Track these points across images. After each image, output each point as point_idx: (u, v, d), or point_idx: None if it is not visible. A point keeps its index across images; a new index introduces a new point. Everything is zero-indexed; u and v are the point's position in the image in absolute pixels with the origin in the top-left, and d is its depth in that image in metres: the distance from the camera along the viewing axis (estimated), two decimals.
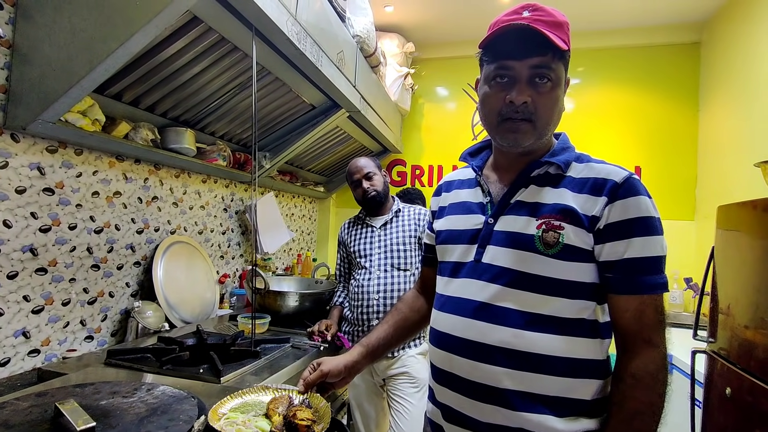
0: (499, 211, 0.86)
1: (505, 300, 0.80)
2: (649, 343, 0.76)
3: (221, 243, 2.30)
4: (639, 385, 0.74)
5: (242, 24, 1.41)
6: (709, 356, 1.50)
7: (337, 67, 1.93)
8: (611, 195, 0.77)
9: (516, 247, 0.81)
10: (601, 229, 0.77)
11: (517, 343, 0.78)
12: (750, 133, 2.41)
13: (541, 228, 0.79)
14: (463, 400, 0.82)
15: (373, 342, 1.01)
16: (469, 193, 0.93)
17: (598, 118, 3.17)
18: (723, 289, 1.48)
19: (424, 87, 3.47)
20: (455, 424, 0.84)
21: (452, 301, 0.87)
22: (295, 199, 3.17)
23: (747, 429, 1.25)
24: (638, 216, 0.76)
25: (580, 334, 0.79)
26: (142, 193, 1.77)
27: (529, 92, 0.79)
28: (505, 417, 0.78)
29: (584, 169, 0.82)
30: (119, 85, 1.44)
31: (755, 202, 1.37)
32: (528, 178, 0.85)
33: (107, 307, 1.62)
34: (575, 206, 0.79)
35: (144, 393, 0.92)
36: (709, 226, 2.79)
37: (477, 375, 0.80)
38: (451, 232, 0.92)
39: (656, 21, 2.99)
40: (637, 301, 0.76)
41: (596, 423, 0.78)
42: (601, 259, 0.78)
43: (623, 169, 0.80)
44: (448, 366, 0.85)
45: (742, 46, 2.50)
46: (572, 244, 0.77)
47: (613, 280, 0.77)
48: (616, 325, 0.79)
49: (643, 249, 0.75)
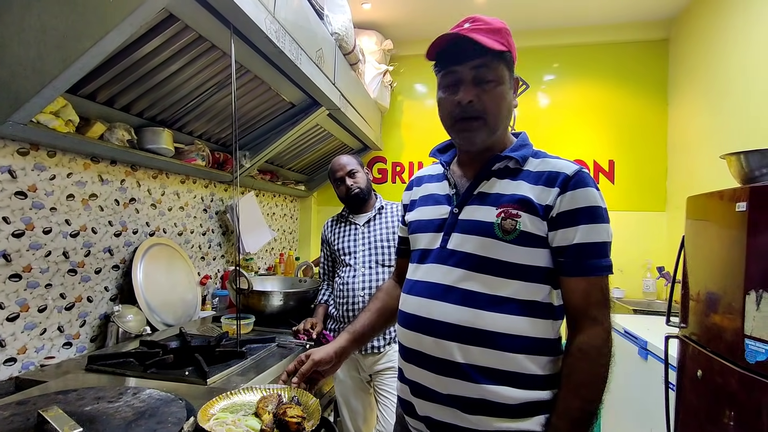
0: (463, 201, 0.93)
1: (467, 282, 0.87)
2: (594, 320, 0.83)
3: (202, 244, 2.27)
4: (585, 358, 0.82)
5: (220, 22, 1.39)
6: (681, 341, 1.56)
7: (317, 65, 1.93)
8: (563, 186, 0.85)
9: (477, 233, 0.88)
10: (553, 217, 0.85)
11: (478, 322, 0.85)
12: (716, 127, 2.51)
13: (500, 216, 0.86)
14: (429, 376, 0.88)
15: (359, 329, 1.08)
16: (437, 186, 1.01)
17: (572, 113, 3.25)
18: (693, 277, 1.55)
19: (403, 84, 3.48)
20: (422, 398, 0.90)
21: (420, 284, 0.93)
22: (276, 198, 3.14)
23: (717, 409, 1.31)
24: (586, 205, 0.84)
25: (535, 315, 0.86)
26: (119, 195, 1.73)
27: (474, 92, 0.87)
28: (467, 389, 0.84)
29: (540, 164, 0.90)
30: (93, 84, 1.41)
31: (721, 192, 1.43)
32: (489, 172, 0.93)
33: (86, 313, 1.59)
34: (531, 196, 0.86)
35: (130, 397, 0.91)
36: (680, 216, 2.89)
37: (441, 352, 0.87)
38: (420, 222, 0.99)
39: (626, 18, 3.08)
40: (585, 282, 0.84)
41: (549, 394, 0.85)
42: (553, 245, 0.86)
43: (574, 164, 0.88)
44: (415, 345, 0.91)
45: (708, 42, 2.60)
46: (528, 230, 0.85)
47: (564, 263, 0.85)
48: (567, 304, 0.87)
49: (589, 235, 0.83)
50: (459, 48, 0.86)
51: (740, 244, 1.24)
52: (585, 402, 0.81)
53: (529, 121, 3.31)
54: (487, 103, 0.88)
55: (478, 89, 0.87)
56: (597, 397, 0.81)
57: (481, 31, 0.86)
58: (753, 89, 2.19)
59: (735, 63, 2.34)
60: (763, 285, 1.13)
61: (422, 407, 0.91)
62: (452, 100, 0.89)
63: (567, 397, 0.83)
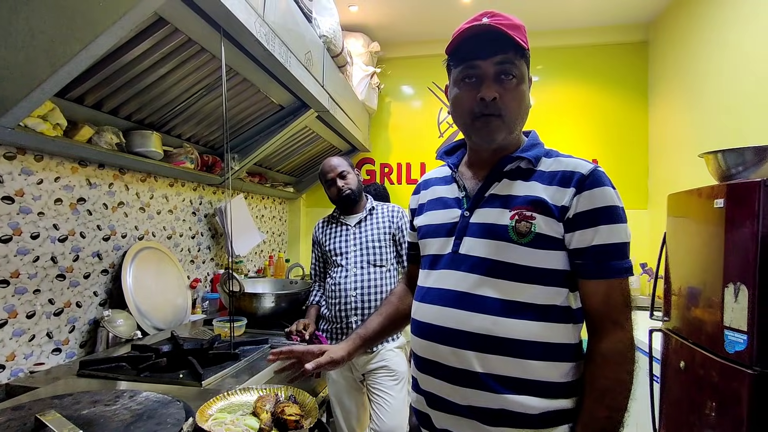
0: (474, 204, 0.90)
1: (482, 288, 0.84)
2: (616, 324, 0.81)
3: (191, 247, 2.26)
4: (608, 365, 0.79)
5: (209, 25, 1.39)
6: (664, 334, 1.61)
7: (306, 67, 1.94)
8: (579, 186, 0.82)
9: (491, 237, 0.85)
10: (570, 219, 0.82)
11: (495, 330, 0.81)
12: (694, 127, 2.59)
13: (514, 218, 0.83)
14: (446, 386, 0.85)
15: (370, 333, 1.08)
16: (446, 189, 0.97)
17: (557, 114, 3.31)
18: (675, 272, 1.60)
19: (390, 86, 3.51)
20: (439, 409, 0.87)
21: (432, 291, 0.90)
22: (264, 201, 3.14)
23: (699, 398, 1.36)
24: (604, 205, 0.81)
25: (554, 319, 0.83)
26: (107, 198, 1.71)
27: (496, 88, 0.83)
28: (486, 399, 0.81)
29: (553, 163, 0.87)
30: (81, 88, 1.40)
31: (700, 190, 1.49)
32: (501, 173, 0.89)
33: (75, 318, 1.57)
34: (545, 197, 0.83)
35: (127, 400, 0.91)
36: (661, 213, 2.97)
37: (458, 361, 0.83)
38: (429, 227, 0.96)
39: (607, 21, 3.15)
40: (605, 285, 0.81)
41: (572, 402, 0.82)
42: (571, 247, 0.82)
43: (589, 162, 0.86)
44: (430, 354, 0.88)
45: (686, 44, 2.68)
46: (543, 233, 0.82)
47: (582, 266, 0.82)
48: (586, 308, 0.84)
49: (609, 236, 0.80)
50: (481, 42, 0.83)
51: (719, 239, 1.29)
52: (610, 410, 0.78)
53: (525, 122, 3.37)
54: (507, 101, 0.84)
55: (499, 86, 0.84)
56: (623, 405, 0.78)
57: (503, 25, 0.82)
58: (728, 90, 2.27)
59: (710, 65, 2.42)
60: (740, 278, 1.18)
61: (439, 419, 0.88)
62: (472, 96, 0.85)
63: (591, 406, 0.80)
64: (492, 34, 0.82)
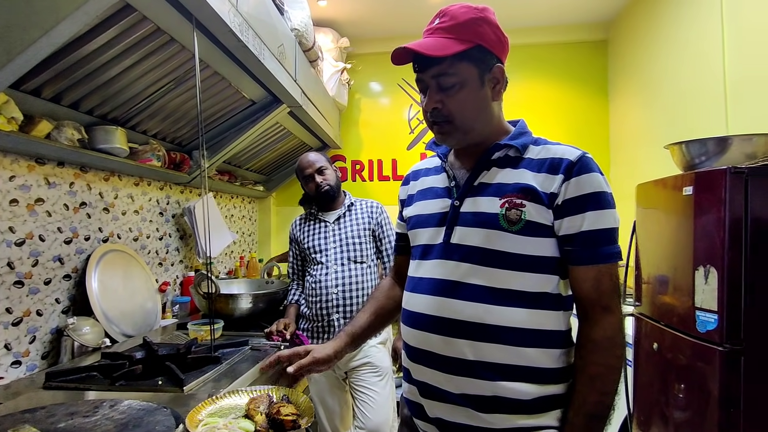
0: (464, 193, 0.90)
1: (474, 277, 0.84)
2: (606, 309, 0.82)
3: (159, 249, 2.15)
4: (599, 350, 0.80)
5: (180, 14, 1.33)
6: (636, 318, 1.69)
7: (279, 60, 1.89)
8: (567, 172, 0.82)
9: (482, 226, 0.85)
10: (559, 205, 0.82)
11: (488, 318, 0.82)
12: (653, 121, 2.73)
13: (504, 206, 0.83)
14: (439, 375, 0.85)
15: (357, 330, 1.05)
16: (436, 179, 0.97)
17: (523, 109, 3.39)
18: (645, 259, 1.67)
19: (360, 82, 3.48)
20: (433, 399, 0.87)
21: (424, 281, 0.90)
22: (234, 200, 3.04)
23: (672, 377, 1.43)
24: (592, 191, 0.82)
25: (545, 307, 0.84)
26: (68, 199, 1.60)
27: (439, 97, 0.86)
28: (479, 387, 0.82)
29: (541, 151, 0.88)
30: (38, 79, 1.29)
31: (666, 180, 1.56)
32: (489, 161, 0.90)
33: (35, 328, 1.46)
34: (535, 185, 0.83)
35: (107, 410, 0.85)
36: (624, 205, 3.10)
37: (451, 350, 0.83)
38: (419, 217, 0.96)
39: (568, 20, 3.26)
40: (595, 270, 0.82)
41: (563, 388, 0.84)
42: (560, 234, 0.83)
43: (577, 149, 0.86)
44: (423, 344, 0.88)
45: (643, 43, 2.81)
46: (534, 220, 0.82)
47: (572, 252, 0.83)
48: (577, 294, 0.85)
49: (597, 222, 0.81)
50: (418, 55, 0.85)
51: (688, 225, 1.35)
52: (601, 394, 0.80)
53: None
54: (453, 107, 0.86)
55: (442, 94, 0.86)
56: (612, 389, 0.80)
57: (441, 30, 0.85)
58: (682, 86, 2.40)
59: (667, 62, 2.55)
60: (709, 261, 1.25)
61: (433, 409, 0.88)
62: (424, 106, 0.90)
63: (582, 390, 0.81)
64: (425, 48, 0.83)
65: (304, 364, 0.95)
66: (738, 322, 1.20)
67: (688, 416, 1.36)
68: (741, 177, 1.21)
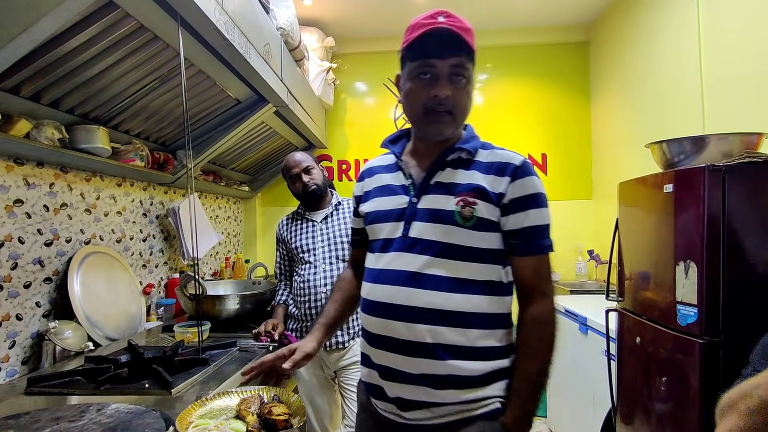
0: (421, 191, 0.97)
1: (433, 268, 0.92)
2: (544, 293, 0.94)
3: (142, 251, 2.12)
4: (539, 326, 0.93)
5: (164, 11, 1.31)
6: (619, 313, 1.72)
7: (265, 59, 1.87)
8: (513, 175, 0.93)
9: (439, 221, 0.93)
10: (505, 204, 0.93)
11: (446, 304, 0.90)
12: (633, 121, 2.79)
13: (459, 204, 0.92)
14: (400, 358, 0.92)
15: (331, 320, 1.13)
16: (391, 177, 1.04)
17: (507, 110, 3.44)
18: (627, 257, 1.71)
19: (346, 82, 3.48)
20: (393, 380, 0.94)
21: (385, 272, 0.96)
22: (218, 200, 3.00)
23: (654, 370, 1.47)
24: (533, 192, 0.93)
25: (492, 293, 0.94)
26: (48, 200, 1.56)
27: (449, 87, 0.92)
28: (436, 367, 0.90)
29: (489, 155, 0.97)
30: (17, 77, 1.26)
31: (647, 178, 1.60)
32: (444, 162, 0.98)
33: (15, 332, 1.42)
34: (485, 185, 0.93)
35: (94, 414, 0.83)
36: (605, 203, 3.18)
37: (412, 335, 0.91)
38: (378, 213, 1.02)
39: (550, 22, 3.31)
40: (534, 260, 0.94)
41: (508, 361, 0.95)
42: (506, 229, 0.94)
43: (519, 155, 0.97)
44: (385, 331, 0.94)
45: (623, 45, 2.88)
46: (484, 217, 0.92)
47: (516, 245, 0.94)
48: (518, 281, 0.96)
49: (537, 218, 0.93)
50: (439, 42, 0.89)
51: (668, 222, 1.39)
52: (541, 363, 0.92)
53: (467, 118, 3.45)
54: (458, 100, 0.93)
55: (451, 85, 0.91)
56: (550, 358, 0.92)
57: (458, 28, 0.89)
58: (660, 87, 2.46)
59: (645, 64, 2.61)
60: (690, 256, 1.29)
61: (393, 389, 0.94)
62: (426, 92, 0.92)
63: (526, 361, 0.92)
64: (450, 37, 0.89)
65: (297, 359, 1.00)
66: (717, 315, 1.24)
67: (670, 407, 1.40)
68: (719, 174, 1.25)
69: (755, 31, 1.78)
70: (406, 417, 0.93)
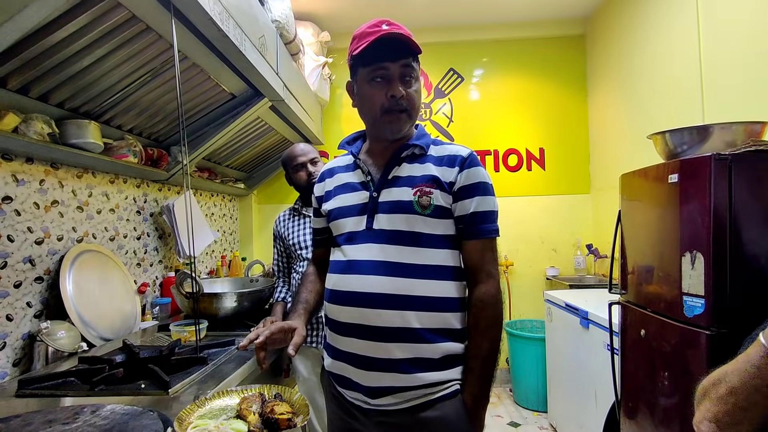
0: (380, 185, 1.05)
1: (398, 256, 0.99)
2: (489, 275, 1.01)
3: (137, 249, 2.07)
4: (486, 307, 0.99)
5: (157, 1, 1.27)
6: (623, 306, 1.71)
7: (260, 52, 1.83)
8: (461, 165, 1.02)
9: (399, 212, 1.00)
10: (456, 191, 1.01)
11: (413, 290, 0.97)
12: (631, 113, 2.78)
13: (417, 194, 1.00)
14: (370, 345, 0.98)
15: (312, 307, 1.17)
16: (351, 175, 1.11)
17: (504, 105, 3.42)
18: (630, 249, 1.69)
19: (342, 77, 3.43)
20: (361, 368, 0.99)
21: (353, 263, 1.02)
22: (214, 198, 2.96)
23: (659, 362, 1.45)
24: (478, 181, 1.02)
25: (451, 278, 1.01)
26: (38, 197, 1.52)
27: (401, 87, 1.00)
28: (405, 349, 0.96)
29: (439, 149, 1.07)
30: (4, 68, 1.22)
31: (648, 169, 1.58)
32: (400, 158, 1.06)
33: (5, 333, 1.38)
34: (438, 175, 1.01)
35: (89, 416, 0.80)
36: (603, 197, 3.17)
37: (382, 321, 0.96)
38: (341, 209, 1.08)
39: (547, 15, 3.29)
40: (480, 243, 1.02)
41: (462, 347, 1.02)
42: (456, 214, 1.02)
43: (466, 148, 1.06)
44: (355, 319, 0.99)
45: (620, 38, 2.86)
46: (440, 204, 1.00)
47: (464, 229, 1.02)
48: (467, 263, 1.04)
49: (482, 205, 1.01)
50: (390, 47, 0.97)
51: (673, 212, 1.37)
52: (491, 342, 0.99)
53: (464, 112, 3.43)
54: (411, 98, 1.02)
55: (404, 86, 1.00)
56: (499, 336, 1.00)
57: (403, 33, 0.98)
58: (659, 78, 2.45)
59: (643, 55, 2.60)
60: (696, 246, 1.27)
61: (361, 377, 0.99)
62: (382, 94, 1.00)
63: (477, 341, 0.99)
64: (398, 42, 0.98)
65: (298, 342, 1.02)
66: (724, 306, 1.22)
67: (675, 401, 1.39)
68: (725, 163, 1.23)
69: (754, 21, 1.76)
70: (372, 403, 0.98)
